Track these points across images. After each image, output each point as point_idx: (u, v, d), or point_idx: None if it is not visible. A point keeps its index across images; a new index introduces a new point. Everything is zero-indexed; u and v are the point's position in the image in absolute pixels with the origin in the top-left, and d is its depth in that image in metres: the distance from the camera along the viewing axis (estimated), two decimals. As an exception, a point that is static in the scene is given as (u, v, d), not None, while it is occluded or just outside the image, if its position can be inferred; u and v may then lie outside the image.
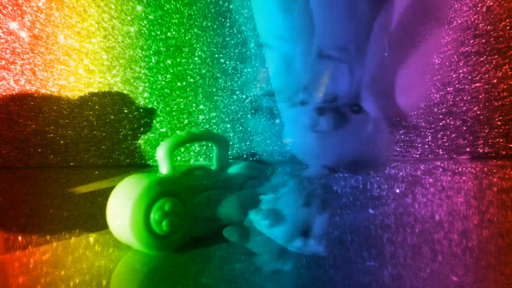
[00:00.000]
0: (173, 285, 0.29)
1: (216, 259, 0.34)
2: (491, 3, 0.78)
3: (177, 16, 0.81)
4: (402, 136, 0.81)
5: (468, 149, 0.82)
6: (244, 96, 0.82)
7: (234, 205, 0.33)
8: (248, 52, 0.81)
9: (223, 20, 0.81)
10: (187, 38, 0.81)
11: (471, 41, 0.78)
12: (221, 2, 0.80)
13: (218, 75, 0.82)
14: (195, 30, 0.81)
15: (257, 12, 0.36)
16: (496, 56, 0.79)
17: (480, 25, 0.77)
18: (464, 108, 0.81)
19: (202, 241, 0.38)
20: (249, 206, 0.32)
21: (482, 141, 0.81)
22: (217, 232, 0.40)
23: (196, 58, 0.82)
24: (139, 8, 0.81)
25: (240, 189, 0.39)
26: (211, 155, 0.84)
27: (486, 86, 0.80)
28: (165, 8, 0.81)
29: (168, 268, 0.32)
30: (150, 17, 0.81)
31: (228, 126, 0.83)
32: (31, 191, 0.64)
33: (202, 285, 0.28)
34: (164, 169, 0.37)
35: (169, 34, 0.81)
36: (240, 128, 0.83)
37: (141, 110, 0.84)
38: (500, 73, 0.79)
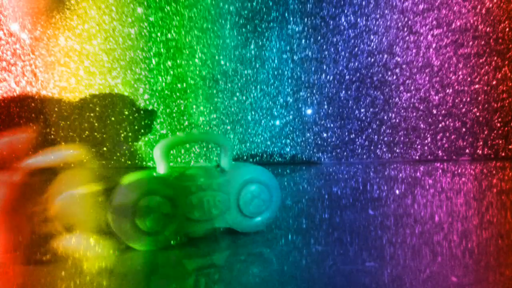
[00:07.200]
0: (171, 285, 0.29)
1: (216, 259, 0.34)
2: (490, 5, 0.78)
3: (178, 18, 0.81)
4: (402, 138, 0.82)
5: (467, 151, 0.82)
6: (244, 97, 0.83)
7: None
8: (248, 54, 0.81)
9: (223, 22, 0.81)
10: (187, 40, 0.81)
11: (471, 43, 0.78)
12: (221, 4, 0.80)
13: (218, 76, 0.82)
14: (196, 32, 0.81)
15: None
16: (496, 58, 0.79)
17: (479, 26, 0.78)
18: (464, 109, 0.81)
19: (201, 241, 0.38)
20: None
21: (481, 143, 0.81)
22: (216, 233, 0.40)
23: (196, 60, 0.82)
24: (139, 10, 0.81)
25: (238, 192, 0.39)
26: (211, 157, 0.84)
27: (486, 88, 0.80)
28: (166, 10, 0.81)
29: (167, 269, 0.32)
30: (150, 19, 0.81)
31: (229, 127, 0.83)
32: (32, 192, 0.64)
33: (201, 284, 0.28)
34: (161, 168, 0.37)
35: (169, 36, 0.82)
36: (240, 129, 0.83)
37: (142, 112, 0.84)
38: (500, 75, 0.79)
